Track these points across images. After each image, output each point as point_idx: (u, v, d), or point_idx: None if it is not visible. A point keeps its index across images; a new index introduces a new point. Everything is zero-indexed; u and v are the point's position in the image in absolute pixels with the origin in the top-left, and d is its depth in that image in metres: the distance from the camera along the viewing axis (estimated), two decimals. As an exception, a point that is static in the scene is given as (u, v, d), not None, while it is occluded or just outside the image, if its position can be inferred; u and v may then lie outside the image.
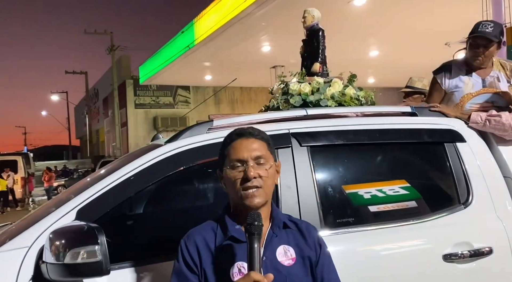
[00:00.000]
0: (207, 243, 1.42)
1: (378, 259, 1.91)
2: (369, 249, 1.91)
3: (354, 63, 13.75)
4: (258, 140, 1.47)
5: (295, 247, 1.45)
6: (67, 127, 41.28)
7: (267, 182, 1.43)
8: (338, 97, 2.44)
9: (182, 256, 1.42)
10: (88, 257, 1.46)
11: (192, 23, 12.87)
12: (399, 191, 2.06)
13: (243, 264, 1.36)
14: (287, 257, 1.42)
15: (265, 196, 1.43)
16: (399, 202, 2.05)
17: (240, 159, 1.43)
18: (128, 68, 23.25)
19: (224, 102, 22.56)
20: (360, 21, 10.58)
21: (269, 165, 1.45)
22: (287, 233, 1.47)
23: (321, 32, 2.68)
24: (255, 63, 14.55)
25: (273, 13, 9.80)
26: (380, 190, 2.04)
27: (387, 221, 2.00)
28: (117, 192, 1.73)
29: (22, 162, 19.12)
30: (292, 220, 1.54)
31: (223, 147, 1.51)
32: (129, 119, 22.20)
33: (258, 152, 1.44)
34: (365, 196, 2.02)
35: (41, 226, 1.65)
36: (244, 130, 1.50)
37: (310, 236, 1.49)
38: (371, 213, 2.01)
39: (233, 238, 1.42)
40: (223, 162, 1.48)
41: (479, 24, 2.69)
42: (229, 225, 1.44)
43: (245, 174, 1.40)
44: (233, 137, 1.48)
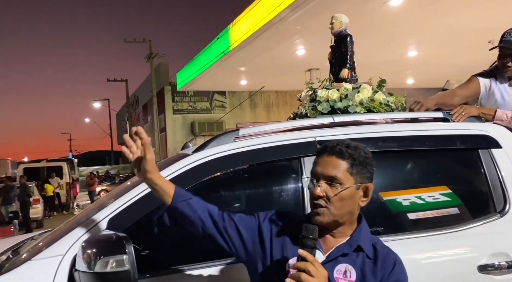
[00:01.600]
0: (286, 226, 1.47)
1: (415, 268, 1.86)
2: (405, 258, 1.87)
3: (392, 64, 13.47)
4: (338, 160, 1.39)
5: (359, 270, 1.38)
6: (109, 133, 42.65)
7: (335, 204, 1.37)
8: (367, 103, 2.40)
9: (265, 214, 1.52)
10: (117, 266, 1.51)
11: (227, 29, 13.03)
12: (439, 197, 2.01)
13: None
14: (345, 277, 1.36)
15: (331, 217, 1.37)
16: (437, 209, 2.00)
17: (313, 174, 1.42)
18: (166, 75, 23.79)
19: (259, 106, 22.63)
20: (397, 21, 10.35)
21: (340, 188, 1.36)
22: (358, 256, 1.40)
23: (349, 38, 2.65)
24: (289, 66, 14.53)
25: (307, 16, 9.76)
26: (419, 197, 2.00)
27: (423, 229, 1.96)
28: (145, 202, 1.78)
29: (67, 168, 19.98)
30: (375, 245, 1.44)
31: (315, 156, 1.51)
32: (168, 125, 22.70)
33: (332, 172, 1.37)
34: (403, 203, 1.98)
35: (75, 235, 1.72)
36: (329, 146, 1.44)
37: (383, 265, 1.39)
38: (409, 220, 1.97)
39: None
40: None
41: (505, 33, 2.58)
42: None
43: (311, 191, 1.40)
44: (321, 150, 1.46)
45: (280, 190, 2.02)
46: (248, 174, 2.21)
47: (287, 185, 1.97)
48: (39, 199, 14.28)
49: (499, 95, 2.65)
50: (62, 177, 19.16)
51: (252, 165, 2.08)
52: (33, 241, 2.17)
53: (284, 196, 1.95)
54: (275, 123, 2.19)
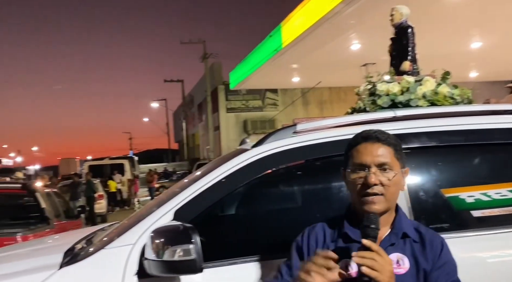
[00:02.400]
0: (325, 236, 1.46)
1: (479, 267, 1.78)
2: (473, 256, 1.80)
3: (453, 57, 12.81)
4: (384, 146, 1.41)
5: (411, 258, 1.39)
6: (166, 132, 44.16)
7: (389, 190, 1.38)
8: (430, 97, 2.32)
9: (301, 241, 1.48)
10: (184, 255, 1.58)
11: (280, 27, 13.03)
12: (507, 194, 1.91)
13: (350, 261, 1.36)
14: (398, 266, 1.36)
15: (386, 203, 1.38)
16: (506, 207, 1.90)
17: (363, 164, 1.39)
18: (219, 74, 24.24)
19: (312, 103, 22.46)
20: (459, 11, 9.84)
21: (393, 173, 1.39)
22: (405, 243, 1.41)
23: (410, 29, 2.58)
24: (344, 62, 14.26)
25: (363, 10, 9.53)
26: (485, 194, 1.91)
27: (489, 227, 1.87)
28: (209, 194, 1.84)
29: (128, 165, 20.94)
30: (418, 230, 1.45)
31: (348, 148, 1.48)
32: (221, 123, 23.13)
33: (382, 159, 1.39)
34: (467, 200, 1.91)
35: (143, 225, 1.81)
36: (370, 133, 1.45)
37: (432, 248, 1.41)
38: (473, 218, 1.89)
39: (347, 235, 1.43)
40: (347, 162, 1.47)
41: None
42: (345, 223, 1.45)
43: (365, 179, 1.37)
44: (359, 139, 1.45)
45: (339, 185, 2.00)
46: (306, 169, 2.21)
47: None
48: (103, 195, 15.11)
49: None
50: (124, 174, 20.10)
51: (310, 160, 2.07)
52: (104, 232, 2.31)
53: (343, 191, 1.93)
54: (333, 118, 2.18)
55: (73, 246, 2.17)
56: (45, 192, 6.15)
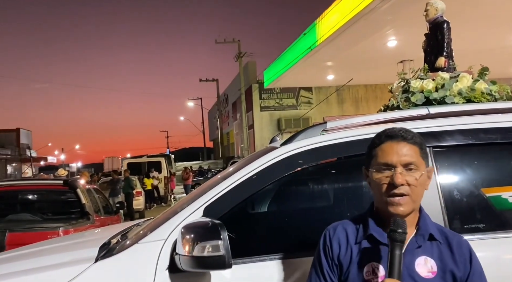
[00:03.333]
0: (348, 238, 1.41)
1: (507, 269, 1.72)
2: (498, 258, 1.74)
3: (494, 52, 12.30)
4: (409, 145, 1.37)
5: (438, 260, 1.35)
6: (201, 130, 44.80)
7: (416, 190, 1.34)
8: (466, 93, 2.25)
9: (323, 244, 1.44)
10: (213, 251, 1.60)
11: (314, 24, 12.93)
12: None
13: (378, 265, 1.34)
14: (427, 269, 1.33)
15: (412, 204, 1.35)
16: None
17: (388, 163, 1.35)
18: (254, 73, 24.32)
19: (347, 101, 22.14)
20: (500, 3, 9.43)
21: (419, 173, 1.35)
22: (432, 245, 1.37)
23: (446, 25, 2.50)
24: (380, 59, 13.98)
25: (399, 5, 9.31)
26: None
27: None
28: (237, 192, 1.86)
29: (165, 163, 21.38)
30: (442, 231, 1.43)
31: (371, 146, 1.44)
32: (255, 122, 23.20)
33: (408, 158, 1.35)
34: (510, 199, 1.84)
35: (175, 221, 1.86)
36: (395, 132, 1.40)
37: (460, 251, 1.37)
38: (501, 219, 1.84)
39: (373, 237, 1.38)
40: (370, 161, 1.42)
41: None
42: (371, 224, 1.40)
43: (392, 180, 1.33)
44: (383, 138, 1.40)
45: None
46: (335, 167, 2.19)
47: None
48: (141, 192, 15.51)
49: None
50: (161, 171, 20.54)
51: (340, 158, 2.06)
52: (139, 227, 2.38)
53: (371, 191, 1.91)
54: (364, 116, 2.14)
55: (109, 240, 2.25)
56: (86, 188, 6.39)
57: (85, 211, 5.70)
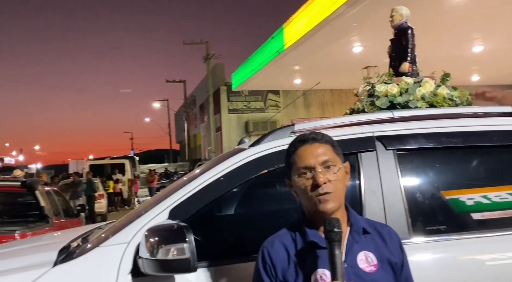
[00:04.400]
0: (288, 250, 1.41)
1: (478, 269, 1.77)
2: (472, 259, 1.79)
3: (455, 60, 12.80)
4: (322, 144, 1.43)
5: (376, 252, 1.40)
6: (168, 132, 44.20)
7: (338, 185, 1.40)
8: (429, 98, 2.31)
9: (263, 263, 1.42)
10: (178, 254, 1.57)
11: (282, 28, 13.04)
12: (507, 197, 1.90)
13: (324, 271, 1.34)
14: (369, 264, 1.37)
15: (337, 200, 1.39)
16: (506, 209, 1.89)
17: (307, 166, 1.40)
18: (222, 75, 24.25)
19: (314, 105, 22.44)
20: (461, 14, 9.83)
21: (337, 168, 1.41)
22: (367, 239, 1.42)
23: (410, 31, 2.57)
24: (345, 64, 14.26)
25: (365, 12, 9.53)
26: (485, 197, 1.90)
27: (490, 229, 1.86)
28: (205, 194, 1.83)
29: (129, 165, 20.94)
30: (371, 223, 1.49)
31: (288, 156, 1.49)
32: (223, 124, 23.13)
33: (324, 157, 1.41)
34: (467, 202, 1.90)
35: (138, 224, 1.80)
36: (306, 136, 1.46)
37: (392, 240, 1.44)
38: (474, 220, 1.88)
39: (313, 243, 1.39)
40: (290, 170, 1.46)
41: None
42: (308, 231, 1.42)
43: (314, 180, 1.37)
44: (296, 144, 1.46)
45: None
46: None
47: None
48: (103, 194, 15.12)
49: None
50: (125, 174, 20.10)
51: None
52: (100, 230, 2.30)
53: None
54: (331, 119, 2.17)
55: (69, 243, 2.16)
56: (45, 190, 6.15)
57: (43, 213, 5.48)
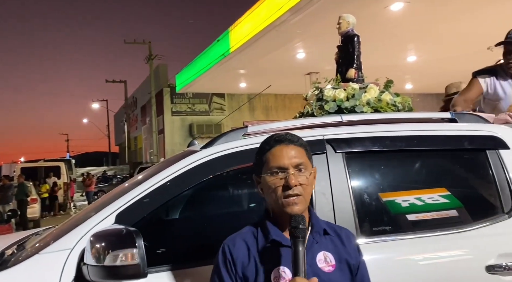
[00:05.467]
0: (249, 248, 1.40)
1: (418, 269, 1.85)
2: (408, 259, 1.86)
3: (391, 68, 13.47)
4: (297, 147, 1.44)
5: (335, 254, 1.43)
6: (107, 134, 42.58)
7: (307, 189, 1.41)
8: (374, 103, 2.40)
9: (224, 261, 1.40)
10: (127, 260, 1.50)
11: (228, 32, 13.05)
12: (438, 199, 2.00)
13: (284, 269, 1.35)
14: (327, 264, 1.40)
15: (305, 203, 1.41)
16: (439, 211, 1.99)
17: (281, 166, 1.40)
18: (165, 77, 23.80)
19: (258, 109, 22.66)
20: (397, 26, 10.39)
21: (308, 172, 1.42)
22: (326, 240, 1.45)
23: (356, 38, 2.66)
24: (289, 70, 14.55)
25: (308, 20, 9.79)
26: (419, 199, 1.99)
27: (426, 230, 1.95)
28: (154, 197, 1.77)
29: (65, 168, 19.90)
30: (331, 225, 1.52)
31: (260, 152, 1.47)
32: (166, 126, 22.67)
33: (298, 159, 1.41)
34: (402, 204, 1.98)
35: (83, 229, 1.71)
36: (283, 136, 1.46)
37: (349, 243, 1.48)
38: (410, 221, 1.96)
39: (275, 242, 1.39)
40: (261, 167, 1.45)
41: (510, 31, 2.67)
42: (271, 229, 1.42)
43: (286, 182, 1.37)
44: (272, 143, 1.45)
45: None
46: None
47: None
48: (36, 199, 14.22)
49: (500, 89, 2.74)
50: (60, 177, 19.08)
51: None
52: (38, 236, 2.16)
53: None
54: (283, 121, 2.19)
55: (2, 251, 2.00)
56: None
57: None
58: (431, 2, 9.07)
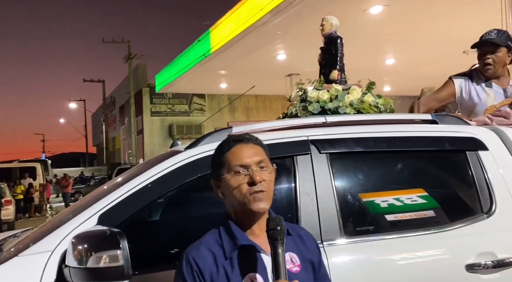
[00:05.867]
0: (215, 256, 1.34)
1: (398, 268, 1.88)
2: (388, 258, 1.88)
3: (370, 71, 13.63)
4: (256, 145, 1.44)
5: (298, 254, 1.42)
6: (84, 134, 41.87)
7: (270, 186, 1.40)
8: (356, 105, 2.43)
9: (190, 272, 1.32)
10: (110, 262, 1.48)
11: (208, 32, 13.02)
12: (417, 200, 2.03)
13: (255, 275, 1.32)
14: (294, 264, 1.39)
15: (270, 200, 1.39)
16: (418, 211, 2.02)
17: (243, 164, 1.38)
18: (144, 76, 23.55)
19: (239, 110, 22.66)
20: (376, 29, 10.56)
21: (270, 169, 1.42)
22: (288, 240, 1.40)
23: (339, 40, 2.69)
24: (270, 71, 14.61)
25: (289, 21, 9.85)
26: (398, 199, 2.02)
27: (406, 230, 1.97)
28: (138, 198, 1.74)
29: (41, 169, 19.44)
30: (291, 226, 1.49)
31: (219, 155, 1.44)
32: (145, 127, 22.43)
33: (260, 157, 1.40)
34: (382, 204, 2.00)
35: (64, 230, 1.67)
36: (242, 136, 1.46)
37: (309, 241, 1.48)
38: (389, 222, 1.98)
39: (243, 247, 1.34)
40: (220, 170, 1.41)
41: (483, 34, 2.73)
42: (237, 234, 1.36)
43: (250, 178, 1.35)
44: (231, 143, 1.43)
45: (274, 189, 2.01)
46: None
47: (280, 184, 1.96)
48: (10, 200, 13.84)
49: (475, 94, 2.80)
50: (36, 178, 18.63)
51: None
52: (16, 239, 2.10)
53: (276, 195, 1.95)
54: (268, 122, 2.19)
55: (-21, 255, 1.94)
56: None
57: None
58: (409, 6, 9.26)
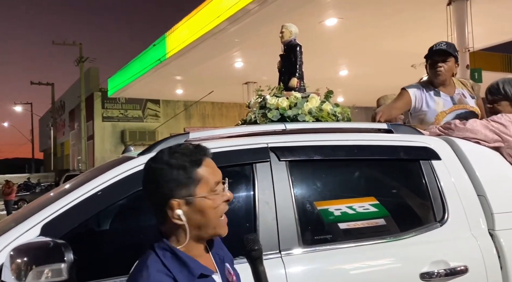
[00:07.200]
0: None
1: (352, 278, 1.86)
2: (342, 268, 1.86)
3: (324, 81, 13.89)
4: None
5: (228, 262, 1.35)
6: (30, 139, 39.94)
7: None
8: (315, 113, 2.43)
9: None
10: (53, 276, 1.36)
11: (164, 37, 12.81)
12: (369, 208, 2.03)
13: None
14: (231, 275, 1.32)
15: None
16: (370, 219, 2.02)
17: (219, 181, 1.21)
18: (96, 80, 22.82)
19: (195, 116, 22.43)
20: (331, 41, 10.83)
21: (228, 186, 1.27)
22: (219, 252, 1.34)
23: (299, 48, 2.69)
24: (227, 78, 14.59)
25: (247, 29, 9.88)
26: (350, 207, 2.02)
27: (362, 238, 1.96)
28: (86, 206, 1.63)
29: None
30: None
31: (188, 170, 1.17)
32: (96, 132, 21.68)
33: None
34: (335, 213, 1.98)
35: (2, 241, 1.53)
36: (204, 147, 1.24)
37: (221, 245, 1.37)
38: (343, 230, 1.97)
39: (203, 276, 1.18)
40: (188, 188, 1.16)
41: (433, 46, 2.88)
42: (191, 264, 1.17)
43: (227, 197, 1.22)
44: (200, 156, 1.20)
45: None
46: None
47: (239, 192, 1.91)
48: None
49: (425, 103, 2.91)
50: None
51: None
52: None
53: (235, 203, 1.89)
54: (226, 128, 2.14)
55: None
56: None
57: None
58: (361, 20, 9.57)
